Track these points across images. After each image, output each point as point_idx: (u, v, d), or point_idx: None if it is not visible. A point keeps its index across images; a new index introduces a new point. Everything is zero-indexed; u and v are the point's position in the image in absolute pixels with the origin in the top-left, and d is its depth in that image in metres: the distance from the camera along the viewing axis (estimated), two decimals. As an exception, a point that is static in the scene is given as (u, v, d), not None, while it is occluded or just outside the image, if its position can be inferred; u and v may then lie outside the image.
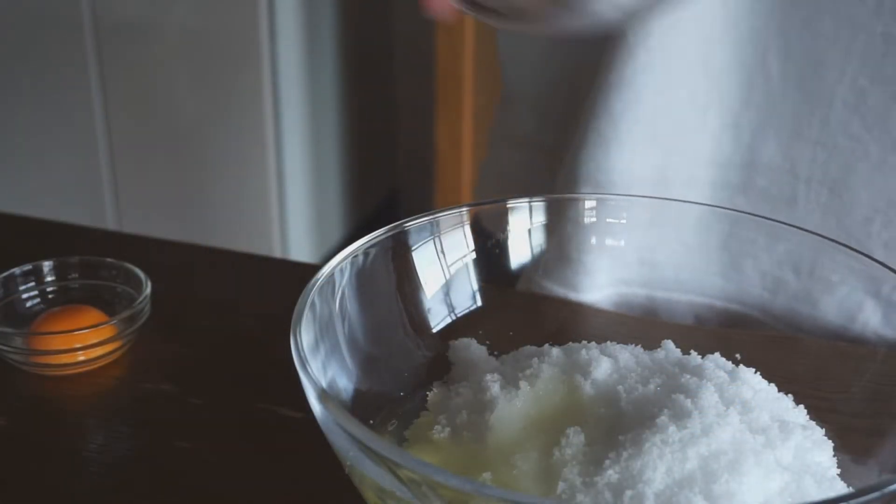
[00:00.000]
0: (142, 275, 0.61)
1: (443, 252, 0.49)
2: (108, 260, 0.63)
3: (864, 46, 0.59)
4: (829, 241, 0.47)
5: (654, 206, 0.52)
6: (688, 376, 0.41)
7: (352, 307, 0.46)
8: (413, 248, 0.48)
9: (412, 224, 0.48)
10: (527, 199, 0.51)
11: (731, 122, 0.64)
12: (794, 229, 0.49)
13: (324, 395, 0.36)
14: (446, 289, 0.50)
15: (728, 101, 0.63)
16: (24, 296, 0.62)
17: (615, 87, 0.63)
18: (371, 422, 0.44)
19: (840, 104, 0.61)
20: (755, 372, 0.43)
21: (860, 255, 0.46)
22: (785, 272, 0.52)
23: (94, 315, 0.59)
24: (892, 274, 0.45)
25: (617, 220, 0.52)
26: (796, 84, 0.62)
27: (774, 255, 0.52)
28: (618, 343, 0.46)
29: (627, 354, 0.44)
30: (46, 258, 0.63)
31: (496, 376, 0.43)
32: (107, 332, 0.57)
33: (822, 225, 0.64)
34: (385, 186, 2.19)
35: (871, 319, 0.53)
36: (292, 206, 1.84)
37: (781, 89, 0.62)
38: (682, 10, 0.59)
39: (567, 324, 0.53)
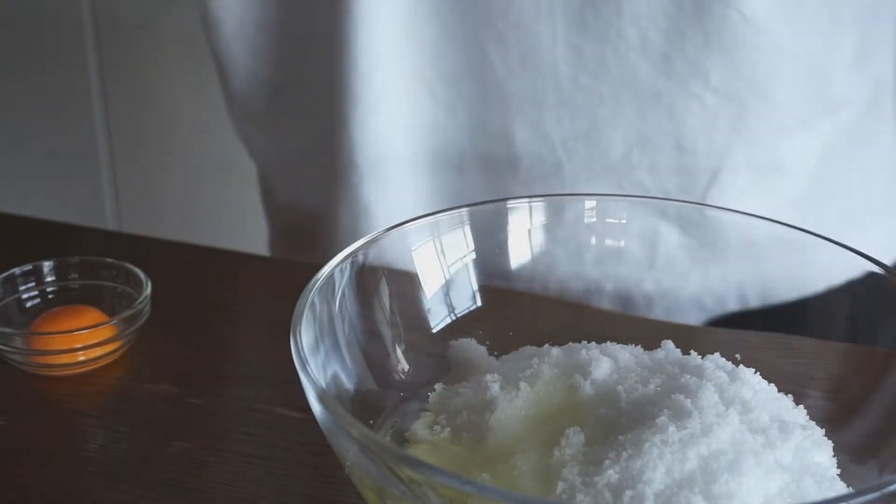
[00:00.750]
0: (142, 275, 0.61)
1: (443, 252, 0.49)
2: (108, 260, 0.63)
3: (563, 4, 0.63)
4: (613, 196, 0.55)
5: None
6: (688, 376, 0.41)
7: (352, 307, 0.46)
8: (413, 248, 0.48)
9: (412, 224, 0.48)
10: (527, 199, 0.51)
11: (473, 100, 0.68)
12: (579, 197, 0.53)
13: (324, 395, 0.36)
14: (446, 289, 0.50)
15: (456, 79, 0.67)
16: (24, 296, 0.62)
17: (338, 59, 0.67)
18: (371, 422, 0.44)
19: (562, 65, 0.65)
20: (755, 372, 0.43)
21: (642, 198, 0.54)
22: (585, 238, 0.54)
23: (94, 315, 0.59)
24: (673, 203, 0.55)
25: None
26: (518, 59, 0.65)
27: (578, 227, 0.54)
28: (618, 343, 0.46)
29: (627, 354, 0.44)
30: (46, 258, 0.63)
31: (496, 376, 0.43)
32: (107, 332, 0.57)
33: (591, 176, 0.68)
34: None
35: (670, 237, 0.60)
36: (292, 206, 1.84)
37: (505, 67, 0.65)
38: None
39: (567, 324, 0.52)
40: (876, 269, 0.45)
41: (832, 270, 0.48)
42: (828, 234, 0.62)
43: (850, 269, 0.46)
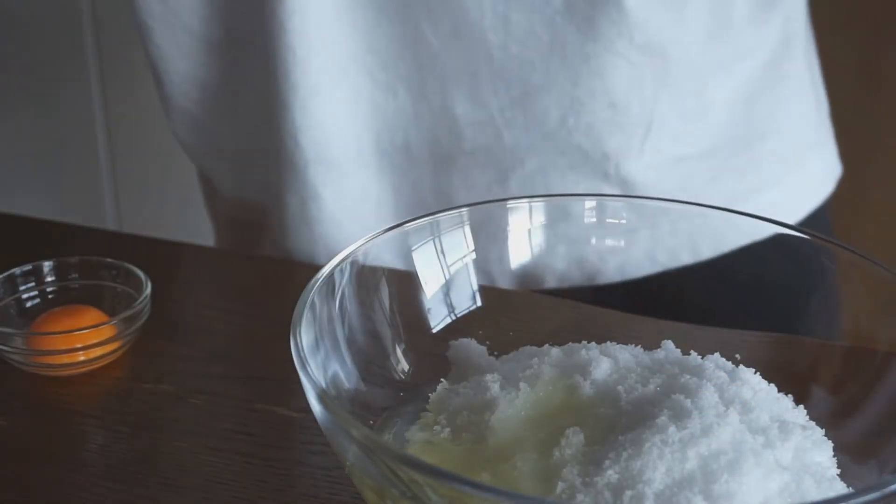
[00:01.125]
0: (142, 275, 0.61)
1: (443, 252, 0.49)
2: (108, 260, 0.63)
3: None
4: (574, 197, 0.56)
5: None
6: (687, 376, 0.41)
7: (352, 307, 0.46)
8: (413, 248, 0.48)
9: (412, 224, 0.48)
10: (527, 199, 0.51)
11: (411, 78, 0.69)
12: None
13: (324, 395, 0.36)
14: (446, 289, 0.50)
15: (393, 59, 0.69)
16: (24, 296, 0.62)
17: (274, 48, 0.68)
18: (371, 422, 0.44)
19: (492, 36, 0.66)
20: (755, 372, 0.43)
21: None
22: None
23: (94, 315, 0.59)
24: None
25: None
26: (450, 32, 0.66)
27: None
28: (618, 343, 0.46)
29: (627, 354, 0.44)
30: (46, 258, 0.63)
31: (496, 376, 0.43)
32: (107, 332, 0.57)
33: (532, 144, 0.69)
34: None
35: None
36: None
37: (438, 41, 0.67)
38: None
39: (567, 324, 0.52)
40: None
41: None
42: (769, 173, 0.74)
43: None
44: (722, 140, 0.74)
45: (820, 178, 0.80)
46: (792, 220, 0.75)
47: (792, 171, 0.77)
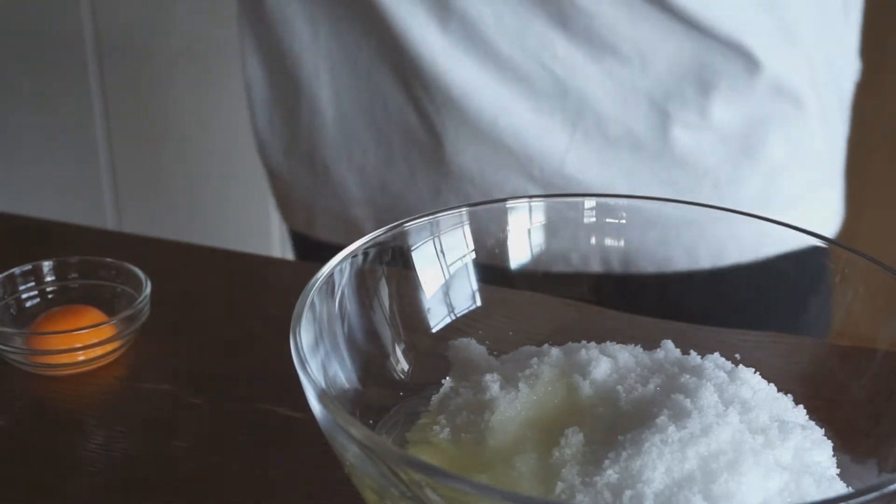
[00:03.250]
0: (142, 275, 0.61)
1: (443, 252, 0.49)
2: (108, 260, 0.63)
3: None
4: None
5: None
6: (687, 376, 0.41)
7: (351, 307, 0.46)
8: (413, 248, 0.48)
9: (412, 224, 0.48)
10: (527, 199, 0.51)
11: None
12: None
13: (324, 395, 0.36)
14: (446, 289, 0.50)
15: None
16: (24, 296, 0.62)
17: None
18: (371, 422, 0.44)
19: (426, 48, 0.71)
20: (755, 372, 0.43)
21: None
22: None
23: (94, 315, 0.59)
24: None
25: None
26: (386, 51, 0.73)
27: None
28: (617, 343, 0.46)
29: (627, 354, 0.44)
30: (46, 258, 0.63)
31: (496, 376, 0.43)
32: (107, 332, 0.57)
33: (468, 144, 0.73)
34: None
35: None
36: (292, 206, 1.83)
37: (377, 58, 0.74)
38: None
39: (567, 324, 0.52)
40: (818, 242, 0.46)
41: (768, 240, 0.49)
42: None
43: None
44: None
45: (820, 219, 0.79)
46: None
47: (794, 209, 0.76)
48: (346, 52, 0.75)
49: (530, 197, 0.52)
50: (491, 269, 0.51)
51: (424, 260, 0.49)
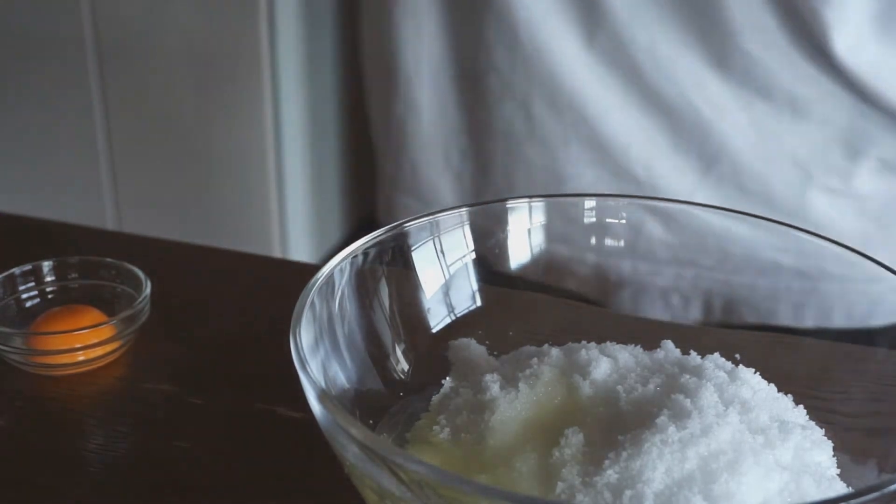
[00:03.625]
0: (142, 275, 0.61)
1: (443, 252, 0.49)
2: (108, 260, 0.63)
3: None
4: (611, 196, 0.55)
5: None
6: (687, 376, 0.41)
7: (351, 307, 0.46)
8: (413, 248, 0.48)
9: (412, 224, 0.48)
10: (527, 199, 0.51)
11: None
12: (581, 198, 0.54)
13: (324, 395, 0.36)
14: (446, 289, 0.50)
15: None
16: (24, 296, 0.62)
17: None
18: (371, 422, 0.44)
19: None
20: (755, 372, 0.43)
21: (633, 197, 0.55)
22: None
23: (94, 315, 0.59)
24: (660, 202, 0.56)
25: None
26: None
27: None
28: (617, 343, 0.46)
29: (627, 354, 0.44)
30: (46, 258, 0.63)
31: (496, 376, 0.43)
32: (107, 332, 0.57)
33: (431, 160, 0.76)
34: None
35: (654, 230, 0.61)
36: (292, 206, 1.84)
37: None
38: None
39: (567, 324, 0.53)
40: None
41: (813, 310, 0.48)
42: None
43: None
44: None
45: None
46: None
47: None
48: (454, 54, 0.73)
49: (529, 197, 0.52)
50: (491, 269, 0.51)
51: (424, 260, 0.49)
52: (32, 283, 0.62)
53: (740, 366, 0.43)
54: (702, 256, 0.58)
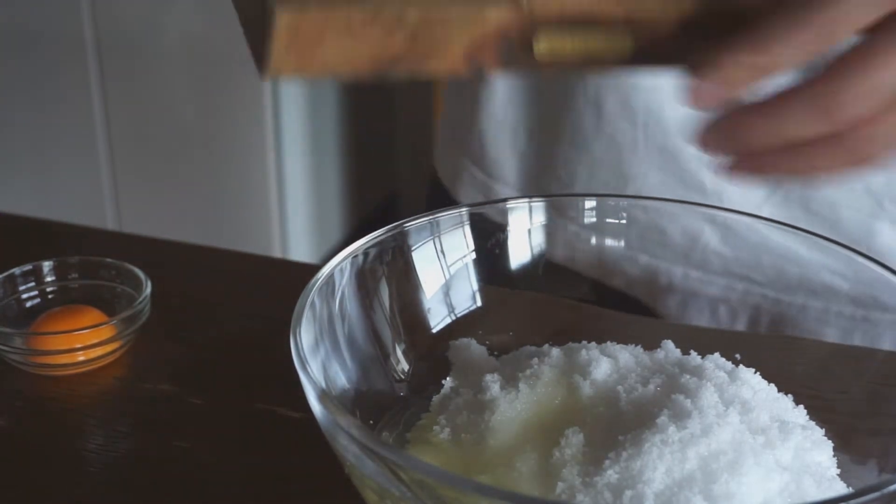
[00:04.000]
0: (142, 275, 0.61)
1: (443, 252, 0.49)
2: (108, 260, 0.63)
3: None
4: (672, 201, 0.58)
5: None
6: (687, 376, 0.41)
7: (352, 307, 0.46)
8: (413, 248, 0.48)
9: (412, 224, 0.48)
10: (527, 199, 0.51)
11: None
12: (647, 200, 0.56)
13: (324, 395, 0.36)
14: (446, 289, 0.50)
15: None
16: (24, 296, 0.62)
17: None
18: (371, 422, 0.44)
19: None
20: (755, 372, 0.43)
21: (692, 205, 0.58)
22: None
23: (94, 315, 0.59)
24: (721, 212, 0.55)
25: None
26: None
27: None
28: (618, 343, 0.46)
29: (627, 354, 0.44)
30: (46, 258, 0.63)
31: (496, 377, 0.43)
32: (107, 332, 0.57)
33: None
34: (385, 187, 2.19)
35: (711, 240, 0.61)
36: (292, 206, 1.84)
37: None
38: None
39: (567, 324, 0.52)
40: None
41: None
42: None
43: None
44: None
45: None
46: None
47: None
48: None
49: (529, 197, 0.52)
50: (491, 269, 0.51)
51: (424, 260, 0.49)
52: (33, 283, 0.62)
53: (740, 366, 0.43)
54: (755, 272, 0.58)
